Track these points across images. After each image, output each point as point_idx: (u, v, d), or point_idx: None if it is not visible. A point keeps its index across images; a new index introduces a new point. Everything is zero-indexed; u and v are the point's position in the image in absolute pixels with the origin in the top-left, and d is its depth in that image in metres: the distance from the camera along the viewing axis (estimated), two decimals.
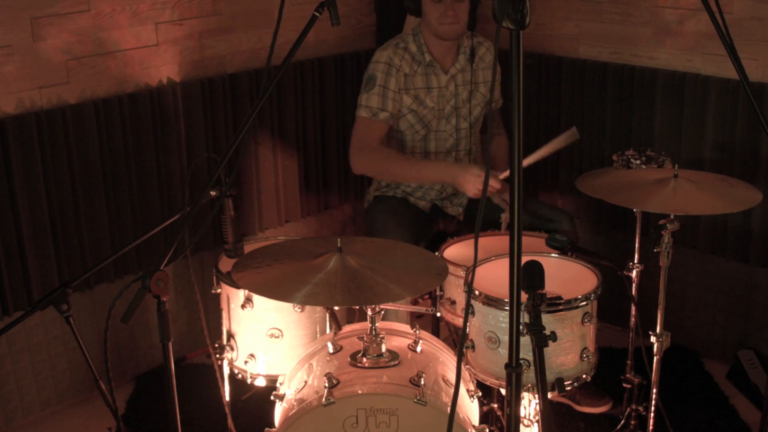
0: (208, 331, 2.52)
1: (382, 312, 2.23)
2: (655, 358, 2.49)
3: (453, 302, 2.58)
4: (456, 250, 2.74)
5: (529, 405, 2.36)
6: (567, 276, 2.44)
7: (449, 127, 3.09)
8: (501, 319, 2.26)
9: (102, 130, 2.95)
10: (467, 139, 3.14)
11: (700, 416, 2.98)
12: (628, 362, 2.76)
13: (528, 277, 1.97)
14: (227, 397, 2.62)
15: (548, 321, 2.18)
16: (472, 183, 2.83)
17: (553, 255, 2.51)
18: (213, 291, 2.57)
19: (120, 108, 2.99)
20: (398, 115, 3.01)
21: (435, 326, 2.97)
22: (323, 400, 1.99)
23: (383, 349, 2.18)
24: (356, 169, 3.07)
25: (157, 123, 3.10)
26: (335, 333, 2.33)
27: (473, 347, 2.35)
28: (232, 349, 2.54)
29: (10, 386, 2.96)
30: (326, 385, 2.01)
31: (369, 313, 2.19)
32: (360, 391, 2.03)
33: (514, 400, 1.59)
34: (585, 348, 2.31)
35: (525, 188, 3.11)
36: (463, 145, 3.14)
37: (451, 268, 2.43)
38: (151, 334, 3.32)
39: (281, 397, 2.21)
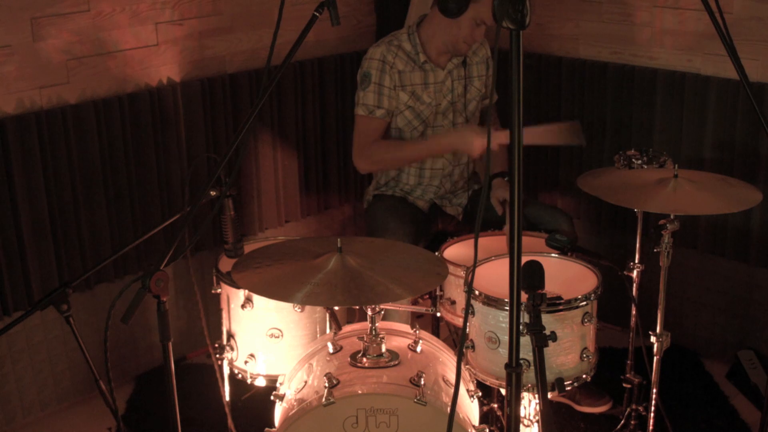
0: (208, 331, 2.52)
1: (382, 312, 2.23)
2: (655, 358, 2.49)
3: (453, 302, 2.58)
4: (456, 250, 2.74)
5: (529, 405, 2.36)
6: (567, 276, 2.44)
7: (446, 122, 3.09)
8: (501, 319, 2.26)
9: (102, 130, 2.95)
10: None
11: (700, 416, 2.99)
12: (628, 362, 2.76)
13: (528, 277, 1.97)
14: (227, 397, 2.61)
15: (548, 321, 2.18)
16: (470, 143, 2.88)
17: (553, 255, 2.51)
18: (213, 291, 2.57)
19: (120, 108, 2.99)
20: (395, 111, 3.01)
21: (435, 326, 2.97)
22: (323, 400, 1.99)
23: (383, 349, 2.18)
24: (362, 169, 3.07)
25: (157, 123, 3.10)
26: (335, 333, 2.33)
27: (473, 347, 2.35)
28: (232, 349, 2.54)
29: (10, 386, 2.96)
30: (326, 385, 2.01)
31: (369, 313, 2.19)
32: (360, 391, 2.03)
33: (514, 400, 1.59)
34: (585, 348, 2.31)
35: (524, 188, 3.12)
36: None
37: (451, 268, 2.43)
38: (151, 334, 3.32)
39: (281, 397, 2.21)
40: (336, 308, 2.45)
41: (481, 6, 2.84)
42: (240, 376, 2.54)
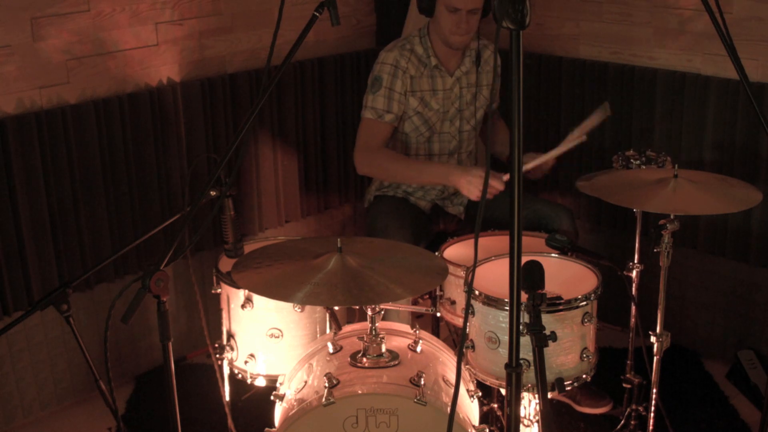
0: (208, 331, 2.53)
1: (382, 312, 2.23)
2: (655, 358, 2.49)
3: (453, 302, 2.58)
4: (456, 250, 2.74)
5: (529, 405, 2.36)
6: (567, 276, 2.44)
7: (453, 129, 3.09)
8: (501, 319, 2.26)
9: (102, 130, 2.95)
10: (469, 141, 3.15)
11: (700, 416, 2.99)
12: (628, 362, 2.76)
13: (528, 277, 1.97)
14: (227, 397, 2.61)
15: (548, 321, 2.18)
16: (473, 185, 2.81)
17: (553, 255, 2.51)
18: (213, 291, 2.57)
19: (120, 108, 2.99)
20: (403, 117, 3.01)
21: (435, 326, 2.97)
22: (323, 400, 1.99)
23: (383, 349, 2.18)
24: (360, 170, 3.07)
25: (157, 123, 3.10)
26: (335, 333, 2.33)
27: (473, 347, 2.35)
28: (232, 349, 2.54)
29: (10, 386, 2.96)
30: (326, 385, 2.01)
31: (369, 313, 2.19)
32: (360, 391, 2.03)
33: (514, 400, 1.58)
34: (585, 348, 2.31)
35: (525, 187, 3.11)
36: (465, 147, 3.14)
37: (451, 268, 2.43)
38: (151, 334, 3.32)
39: (281, 397, 2.21)
40: (336, 308, 2.45)
41: None
42: (240, 376, 2.54)
